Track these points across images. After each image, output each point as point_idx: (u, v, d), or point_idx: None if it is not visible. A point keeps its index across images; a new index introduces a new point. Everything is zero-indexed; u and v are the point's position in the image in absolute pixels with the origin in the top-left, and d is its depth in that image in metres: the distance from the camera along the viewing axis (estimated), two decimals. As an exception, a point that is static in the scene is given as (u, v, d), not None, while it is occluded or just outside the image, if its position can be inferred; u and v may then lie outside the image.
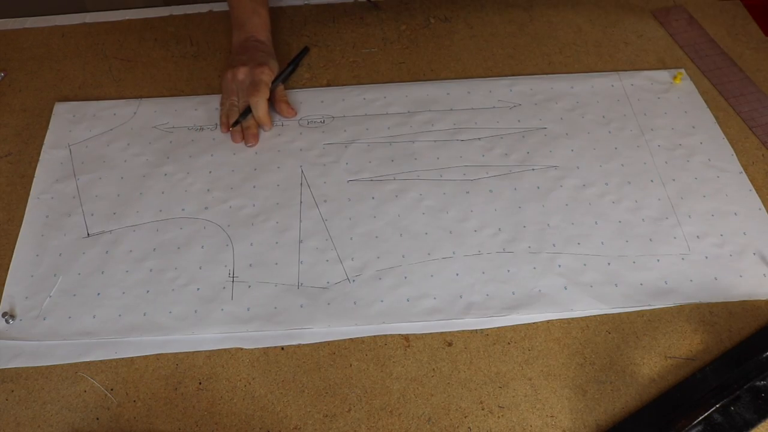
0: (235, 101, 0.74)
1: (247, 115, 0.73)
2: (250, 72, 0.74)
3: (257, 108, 0.72)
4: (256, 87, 0.72)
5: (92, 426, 0.54)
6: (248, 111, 0.73)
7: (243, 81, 0.74)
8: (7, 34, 0.87)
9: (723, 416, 0.53)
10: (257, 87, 0.72)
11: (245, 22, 0.79)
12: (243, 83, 0.74)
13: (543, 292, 0.61)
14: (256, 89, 0.72)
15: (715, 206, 0.67)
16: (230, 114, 0.73)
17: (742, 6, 0.89)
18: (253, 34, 0.78)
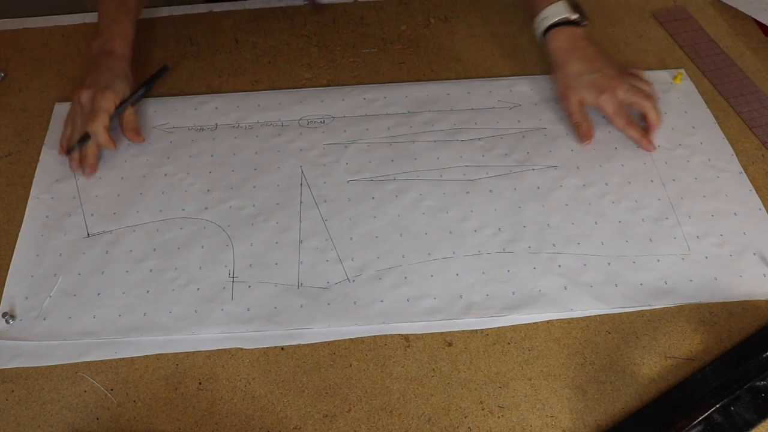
0: (78, 124, 0.71)
1: (85, 142, 0.69)
2: (92, 97, 0.69)
3: (97, 136, 0.68)
4: (94, 115, 0.68)
5: (92, 426, 0.54)
6: (87, 137, 0.69)
7: (85, 105, 0.70)
8: (7, 34, 0.87)
9: (723, 416, 0.53)
10: (95, 115, 0.68)
11: (103, 30, 0.75)
12: (85, 108, 0.70)
13: (543, 292, 0.61)
14: (94, 117, 0.68)
15: (715, 206, 0.67)
16: (72, 137, 0.71)
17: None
18: (107, 43, 0.74)
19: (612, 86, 0.70)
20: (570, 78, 0.72)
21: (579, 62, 0.72)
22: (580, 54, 0.73)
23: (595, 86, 0.71)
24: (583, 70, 0.72)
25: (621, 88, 0.70)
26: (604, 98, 0.70)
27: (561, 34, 0.74)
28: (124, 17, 0.75)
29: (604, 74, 0.71)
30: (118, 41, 0.74)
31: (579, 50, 0.73)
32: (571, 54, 0.73)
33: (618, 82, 0.71)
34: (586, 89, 0.71)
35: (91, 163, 0.70)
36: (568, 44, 0.73)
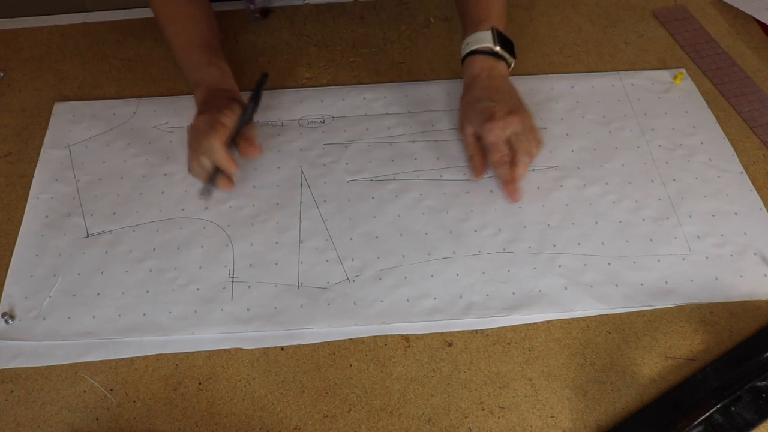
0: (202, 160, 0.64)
1: (216, 177, 0.64)
2: (207, 118, 0.63)
3: (213, 151, 0.62)
4: (213, 128, 0.62)
5: (92, 426, 0.54)
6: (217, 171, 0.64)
7: (200, 128, 0.63)
8: (6, 34, 0.87)
9: (724, 416, 0.53)
10: (213, 128, 0.62)
11: (204, 76, 0.69)
12: (200, 130, 0.63)
13: (543, 292, 0.61)
14: (212, 131, 0.62)
15: (716, 206, 0.67)
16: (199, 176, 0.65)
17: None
18: (214, 85, 0.68)
19: (501, 118, 0.64)
20: (468, 105, 0.68)
21: (482, 90, 0.67)
22: (486, 83, 0.68)
23: (485, 114, 0.65)
24: (482, 96, 0.67)
25: (510, 125, 0.64)
26: (487, 126, 0.64)
27: (477, 62, 0.69)
28: (217, 59, 0.70)
29: (500, 107, 0.65)
30: (226, 81, 0.69)
31: (487, 80, 0.68)
32: (479, 82, 0.68)
33: (511, 119, 0.64)
34: (477, 115, 0.66)
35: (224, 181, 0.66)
36: (479, 72, 0.69)
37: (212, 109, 0.64)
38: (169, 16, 0.73)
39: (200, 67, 0.70)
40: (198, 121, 0.64)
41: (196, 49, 0.71)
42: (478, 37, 0.70)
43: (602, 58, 0.82)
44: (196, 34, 0.72)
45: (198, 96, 0.68)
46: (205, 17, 0.74)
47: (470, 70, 0.70)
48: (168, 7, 0.73)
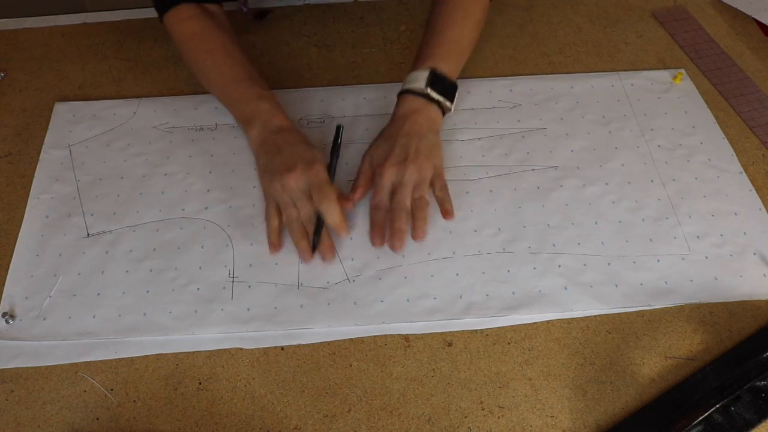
0: (295, 213, 0.61)
1: (321, 229, 0.61)
2: (303, 176, 0.60)
3: (331, 214, 0.59)
4: (322, 191, 0.59)
5: (92, 426, 0.54)
6: (320, 223, 0.61)
7: (297, 188, 0.60)
8: (7, 34, 0.87)
9: (723, 416, 0.53)
10: (323, 191, 0.59)
11: (255, 112, 0.66)
12: (297, 191, 0.60)
13: (543, 292, 0.61)
14: (324, 194, 0.59)
15: (716, 206, 0.67)
16: (291, 228, 0.62)
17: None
18: (269, 122, 0.65)
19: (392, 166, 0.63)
20: (379, 138, 0.67)
21: (396, 130, 0.65)
22: (404, 124, 0.65)
23: (384, 155, 0.64)
24: (392, 135, 0.65)
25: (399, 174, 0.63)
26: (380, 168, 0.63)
27: (406, 102, 0.67)
28: (265, 90, 0.68)
29: (399, 152, 0.63)
30: (279, 115, 0.66)
31: (407, 121, 0.65)
32: (399, 122, 0.66)
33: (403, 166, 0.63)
34: (378, 152, 0.65)
35: (329, 245, 0.62)
36: (404, 112, 0.66)
37: (299, 163, 0.61)
38: (202, 49, 0.70)
39: (249, 102, 0.67)
40: (290, 179, 0.60)
41: (241, 82, 0.68)
42: (414, 76, 0.67)
43: (602, 59, 0.83)
44: (237, 66, 0.69)
45: (254, 134, 0.66)
46: (240, 49, 0.72)
47: (397, 108, 0.68)
48: (200, 41, 0.70)
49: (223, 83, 0.70)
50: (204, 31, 0.71)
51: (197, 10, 0.72)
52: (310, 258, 0.61)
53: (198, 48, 0.71)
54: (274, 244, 0.62)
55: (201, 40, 0.71)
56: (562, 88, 0.78)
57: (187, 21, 0.71)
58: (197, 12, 0.72)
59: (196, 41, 0.71)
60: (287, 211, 0.62)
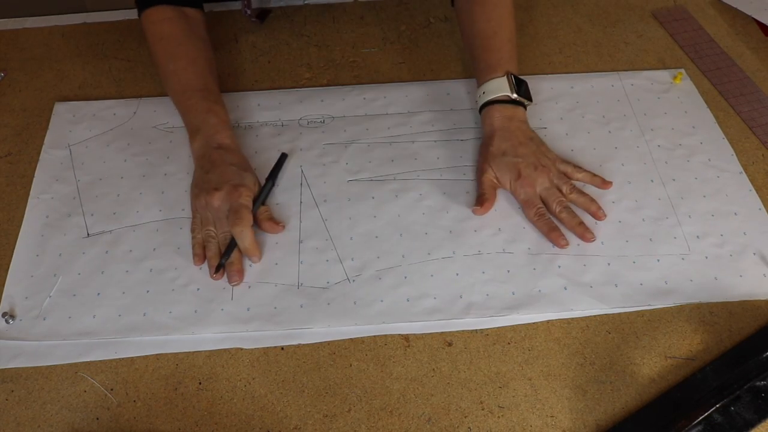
0: (212, 232, 0.63)
1: (231, 251, 0.62)
2: (227, 197, 0.62)
3: (243, 239, 0.61)
4: (238, 215, 0.61)
5: (92, 426, 0.54)
6: (232, 244, 0.62)
7: (219, 208, 0.62)
8: (7, 34, 0.87)
9: (723, 416, 0.53)
10: (239, 215, 0.61)
11: (201, 126, 0.67)
12: (219, 211, 0.62)
13: (543, 292, 0.61)
14: (239, 218, 0.61)
15: (715, 206, 0.67)
16: (207, 245, 0.63)
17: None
18: (212, 138, 0.67)
19: (528, 176, 0.65)
20: (491, 156, 0.67)
21: (505, 142, 0.67)
22: (508, 135, 0.68)
23: (513, 171, 0.66)
24: (507, 151, 0.67)
25: (539, 182, 0.66)
26: (517, 185, 0.66)
27: (496, 112, 0.69)
28: (216, 105, 0.69)
29: (525, 163, 0.66)
30: (223, 132, 0.67)
31: (509, 132, 0.68)
32: (501, 132, 0.68)
33: (538, 176, 0.66)
34: (503, 170, 0.66)
35: (238, 268, 0.62)
36: (500, 123, 0.68)
37: (226, 184, 0.63)
38: (168, 53, 0.71)
39: (198, 114, 0.68)
40: (214, 198, 0.62)
41: (195, 92, 0.69)
42: (495, 86, 0.69)
43: (602, 59, 0.83)
44: (195, 76, 0.70)
45: (195, 146, 0.67)
46: (206, 59, 0.72)
47: (489, 120, 0.69)
48: (167, 44, 0.71)
49: (180, 90, 0.70)
50: (172, 35, 0.72)
51: (174, 13, 0.72)
52: (215, 277, 0.62)
53: (164, 51, 0.72)
54: (197, 255, 0.63)
55: (168, 43, 0.72)
56: (562, 88, 0.78)
57: (160, 23, 0.72)
58: (173, 15, 0.72)
59: (164, 44, 0.72)
60: (206, 228, 0.63)
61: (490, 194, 0.66)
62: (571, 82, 0.79)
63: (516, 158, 0.66)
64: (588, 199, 0.66)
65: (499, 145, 0.67)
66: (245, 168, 0.66)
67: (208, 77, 0.71)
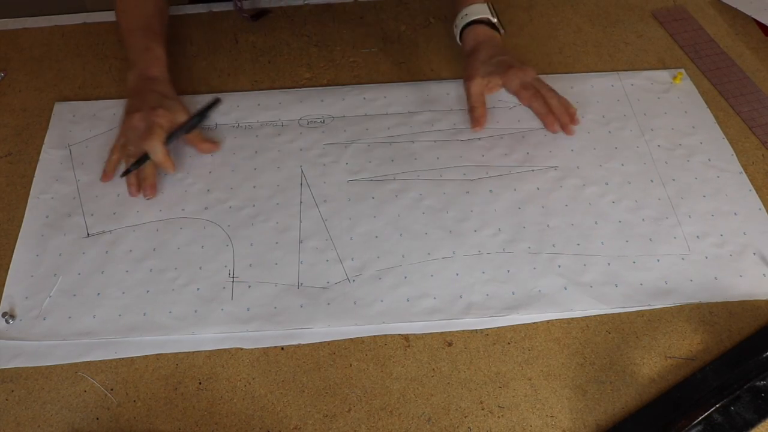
0: (130, 150, 0.68)
1: (141, 163, 0.67)
2: (145, 116, 0.67)
3: (154, 152, 0.66)
4: (150, 130, 0.66)
5: (92, 426, 0.54)
6: (145, 158, 0.67)
7: (137, 127, 0.67)
8: (7, 34, 0.87)
9: (723, 416, 0.53)
10: (150, 130, 0.66)
11: (137, 60, 0.73)
12: (137, 129, 0.67)
13: (543, 292, 0.61)
14: (150, 133, 0.65)
15: (715, 206, 0.67)
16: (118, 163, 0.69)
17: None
18: (144, 71, 0.72)
19: (520, 68, 0.73)
20: (478, 61, 0.74)
21: (491, 49, 0.74)
22: (493, 44, 0.75)
23: (504, 65, 0.73)
24: (494, 53, 0.74)
25: (529, 73, 0.73)
26: (511, 73, 0.72)
27: (479, 30, 0.76)
28: (153, 43, 0.74)
29: (515, 61, 0.74)
30: (155, 66, 0.73)
31: (493, 44, 0.75)
32: (485, 44, 0.75)
33: (528, 69, 0.73)
34: (493, 66, 0.73)
35: (151, 183, 0.67)
36: (484, 37, 0.75)
37: (145, 106, 0.68)
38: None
39: (136, 50, 0.74)
40: (134, 118, 0.67)
41: (136, 31, 0.75)
42: (477, 9, 0.76)
43: (602, 59, 0.83)
44: (140, 16, 0.76)
45: (131, 78, 0.73)
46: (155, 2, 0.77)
47: (473, 35, 0.76)
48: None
49: (125, 29, 0.76)
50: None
51: None
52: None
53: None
54: (106, 173, 0.69)
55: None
56: (562, 88, 0.78)
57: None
58: None
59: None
60: (125, 148, 0.69)
61: (481, 106, 0.73)
62: (571, 82, 0.79)
63: (504, 56, 0.74)
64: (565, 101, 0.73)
65: (487, 51, 0.74)
66: (169, 96, 0.71)
67: (152, 18, 0.76)
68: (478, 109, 0.72)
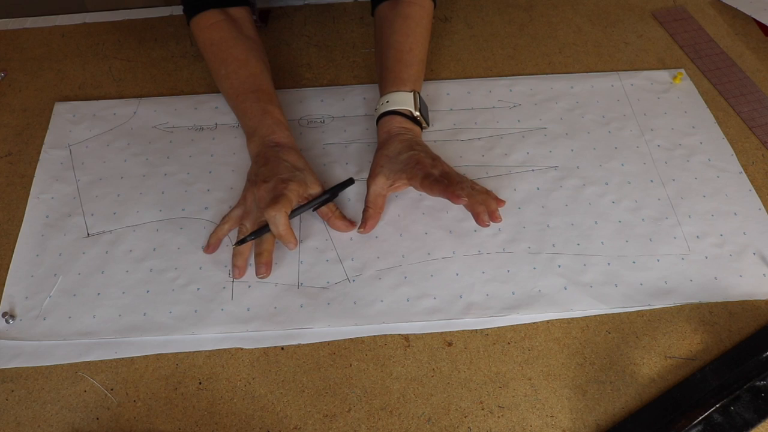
0: (245, 227, 0.62)
1: (261, 233, 0.61)
2: (273, 188, 0.61)
3: (277, 223, 0.59)
4: (275, 200, 0.59)
5: (92, 426, 0.54)
6: (264, 228, 0.61)
7: (263, 198, 0.61)
8: (7, 34, 0.87)
9: (723, 416, 0.53)
10: (276, 199, 0.59)
11: (257, 126, 0.67)
12: (262, 201, 0.61)
13: (543, 292, 0.61)
14: (275, 202, 0.59)
15: (715, 206, 0.67)
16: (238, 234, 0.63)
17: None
18: (268, 137, 0.66)
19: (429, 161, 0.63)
20: (385, 157, 0.65)
21: (401, 144, 0.65)
22: (405, 139, 0.66)
23: (411, 161, 0.63)
24: (403, 150, 0.64)
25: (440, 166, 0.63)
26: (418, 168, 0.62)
27: (395, 121, 0.67)
28: (270, 105, 0.68)
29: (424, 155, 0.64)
30: (279, 132, 0.66)
31: (405, 139, 0.66)
32: (398, 137, 0.66)
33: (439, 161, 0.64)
34: (400, 166, 0.63)
35: (266, 260, 0.61)
36: (398, 130, 0.67)
37: (273, 177, 0.62)
38: (218, 58, 0.71)
39: (253, 116, 0.68)
40: (260, 188, 0.61)
41: (248, 95, 0.69)
42: (400, 98, 0.68)
43: (602, 59, 0.83)
44: (247, 78, 0.70)
45: (252, 147, 0.67)
46: (256, 58, 0.72)
47: (388, 127, 0.67)
48: (217, 50, 0.71)
49: (233, 94, 0.70)
50: (222, 40, 0.72)
51: (221, 16, 0.73)
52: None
53: (214, 57, 0.72)
54: (211, 245, 0.63)
55: (218, 48, 0.72)
56: (562, 88, 0.78)
57: (208, 29, 0.72)
58: (220, 19, 0.72)
59: (214, 49, 0.72)
60: (242, 219, 0.63)
61: (373, 208, 0.64)
62: (571, 82, 0.79)
63: (412, 151, 0.64)
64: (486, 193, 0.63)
65: (395, 147, 0.65)
66: (300, 167, 0.64)
67: (260, 77, 0.71)
68: (368, 210, 0.64)
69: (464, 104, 0.77)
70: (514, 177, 0.69)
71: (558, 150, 0.72)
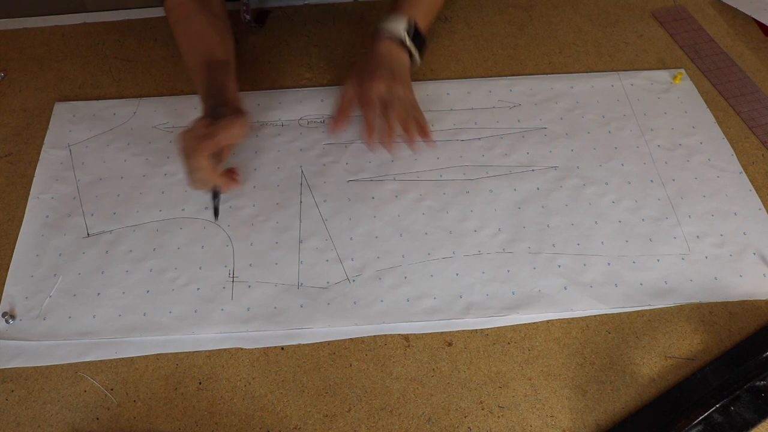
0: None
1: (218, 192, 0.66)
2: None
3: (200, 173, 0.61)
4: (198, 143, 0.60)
5: (92, 426, 0.54)
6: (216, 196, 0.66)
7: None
8: (7, 34, 0.87)
9: (723, 416, 0.53)
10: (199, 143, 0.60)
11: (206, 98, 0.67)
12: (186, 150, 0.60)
13: (543, 292, 0.61)
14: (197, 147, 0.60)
15: (715, 206, 0.67)
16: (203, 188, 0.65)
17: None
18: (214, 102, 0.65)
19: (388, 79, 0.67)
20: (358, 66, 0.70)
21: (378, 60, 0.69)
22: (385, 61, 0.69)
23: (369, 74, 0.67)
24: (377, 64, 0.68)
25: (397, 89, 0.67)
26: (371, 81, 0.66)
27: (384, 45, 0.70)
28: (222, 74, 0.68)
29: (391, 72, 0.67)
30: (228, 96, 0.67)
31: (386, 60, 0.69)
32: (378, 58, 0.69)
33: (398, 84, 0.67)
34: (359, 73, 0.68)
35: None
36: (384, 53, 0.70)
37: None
38: (181, 33, 0.73)
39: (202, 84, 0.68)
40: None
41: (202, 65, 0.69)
42: (394, 23, 0.71)
43: (602, 59, 0.83)
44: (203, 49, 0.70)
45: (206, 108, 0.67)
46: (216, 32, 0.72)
47: (376, 48, 0.70)
48: (181, 26, 0.73)
49: (192, 67, 0.72)
50: (185, 16, 0.73)
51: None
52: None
53: (178, 33, 0.74)
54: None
55: (182, 25, 0.73)
56: (562, 88, 0.78)
57: (176, 8, 0.74)
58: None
59: (179, 26, 0.73)
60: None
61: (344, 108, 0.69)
62: (571, 82, 0.79)
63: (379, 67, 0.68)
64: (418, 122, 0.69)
65: (371, 64, 0.69)
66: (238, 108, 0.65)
67: (216, 47, 0.71)
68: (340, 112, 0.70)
69: (464, 104, 0.77)
70: (514, 177, 0.69)
71: (558, 150, 0.72)
